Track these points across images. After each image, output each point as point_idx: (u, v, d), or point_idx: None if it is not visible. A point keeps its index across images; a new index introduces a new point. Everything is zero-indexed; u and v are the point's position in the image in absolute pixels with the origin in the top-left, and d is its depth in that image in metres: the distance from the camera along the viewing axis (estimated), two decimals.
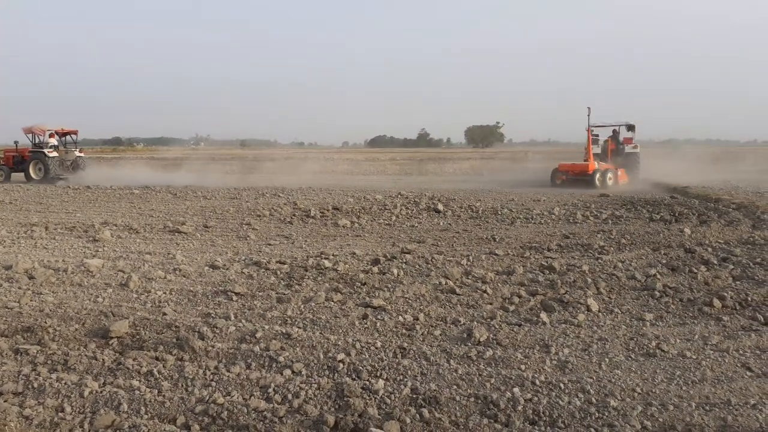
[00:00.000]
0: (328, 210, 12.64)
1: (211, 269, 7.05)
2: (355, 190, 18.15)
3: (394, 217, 11.68)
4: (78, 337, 4.67)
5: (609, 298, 5.82)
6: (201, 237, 9.53)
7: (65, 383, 3.81)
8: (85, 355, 4.27)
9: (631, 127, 22.80)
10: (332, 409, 3.50)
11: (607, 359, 4.22)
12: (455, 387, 3.77)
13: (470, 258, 7.62)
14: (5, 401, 3.55)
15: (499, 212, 12.24)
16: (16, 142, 26.08)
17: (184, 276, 6.71)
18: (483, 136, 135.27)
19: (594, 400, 3.57)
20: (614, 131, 23.37)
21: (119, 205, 14.33)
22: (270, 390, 3.72)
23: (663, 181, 20.13)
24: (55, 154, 24.12)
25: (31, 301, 5.65)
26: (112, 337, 4.59)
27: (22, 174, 23.70)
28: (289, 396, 3.65)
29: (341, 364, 4.11)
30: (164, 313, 5.23)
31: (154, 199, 15.52)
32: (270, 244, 8.86)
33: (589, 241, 8.73)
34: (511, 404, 3.52)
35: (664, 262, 7.31)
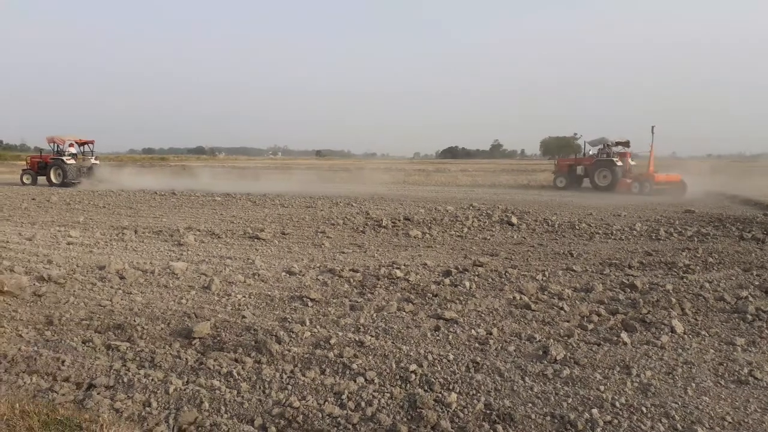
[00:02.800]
0: (399, 220, 12.71)
1: (288, 275, 7.25)
2: (426, 201, 18.14)
3: (465, 229, 11.58)
4: (163, 336, 4.92)
5: (695, 319, 5.52)
6: (278, 243, 9.82)
7: (152, 379, 4.03)
8: (170, 354, 4.50)
9: (626, 143, 25.40)
10: (405, 420, 3.51)
11: (693, 384, 4.00)
12: (530, 405, 3.68)
13: (546, 273, 7.43)
14: (98, 394, 3.79)
15: (577, 227, 11.88)
16: (40, 150, 28.44)
17: (263, 281, 6.93)
18: (559, 148, 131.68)
19: (679, 427, 3.40)
20: (605, 146, 25.81)
21: (202, 211, 15.00)
22: (344, 396, 3.78)
23: (752, 198, 18.89)
24: (72, 161, 26.37)
25: (121, 300, 6.01)
26: (194, 338, 4.80)
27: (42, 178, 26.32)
28: (363, 404, 3.69)
29: (413, 375, 4.11)
30: (243, 317, 5.42)
31: (234, 206, 16.14)
32: (343, 252, 9.01)
33: (674, 259, 8.31)
34: (590, 425, 3.40)
35: (757, 284, 6.84)
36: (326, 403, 3.69)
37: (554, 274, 7.44)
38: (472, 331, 5.09)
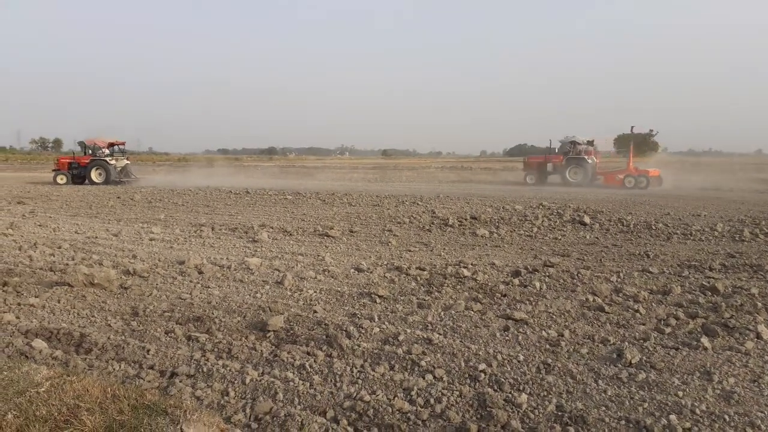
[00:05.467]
0: (466, 219, 12.62)
1: (357, 272, 7.38)
2: (493, 200, 17.91)
3: (535, 229, 11.36)
4: (240, 329, 5.12)
5: None
6: (347, 241, 10.00)
7: (229, 370, 4.20)
8: (246, 346, 4.68)
9: (591, 142, 28.13)
10: (474, 418, 3.50)
11: None
12: (604, 408, 3.59)
13: (621, 275, 7.19)
14: (180, 382, 4.00)
15: (654, 227, 11.40)
16: (73, 153, 30.06)
17: (332, 277, 7.09)
18: (634, 145, 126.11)
19: None
20: (571, 144, 28.10)
21: (274, 209, 15.44)
22: (413, 393, 3.82)
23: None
24: (113, 161, 27.97)
25: (200, 293, 6.30)
26: (269, 331, 4.98)
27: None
28: (432, 400, 3.71)
29: (483, 374, 4.10)
30: (315, 311, 5.57)
31: (305, 205, 16.52)
32: (410, 251, 9.05)
33: (760, 262, 7.84)
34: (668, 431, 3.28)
35: None
36: (396, 398, 3.74)
37: (629, 275, 7.19)
38: (543, 332, 5.00)
